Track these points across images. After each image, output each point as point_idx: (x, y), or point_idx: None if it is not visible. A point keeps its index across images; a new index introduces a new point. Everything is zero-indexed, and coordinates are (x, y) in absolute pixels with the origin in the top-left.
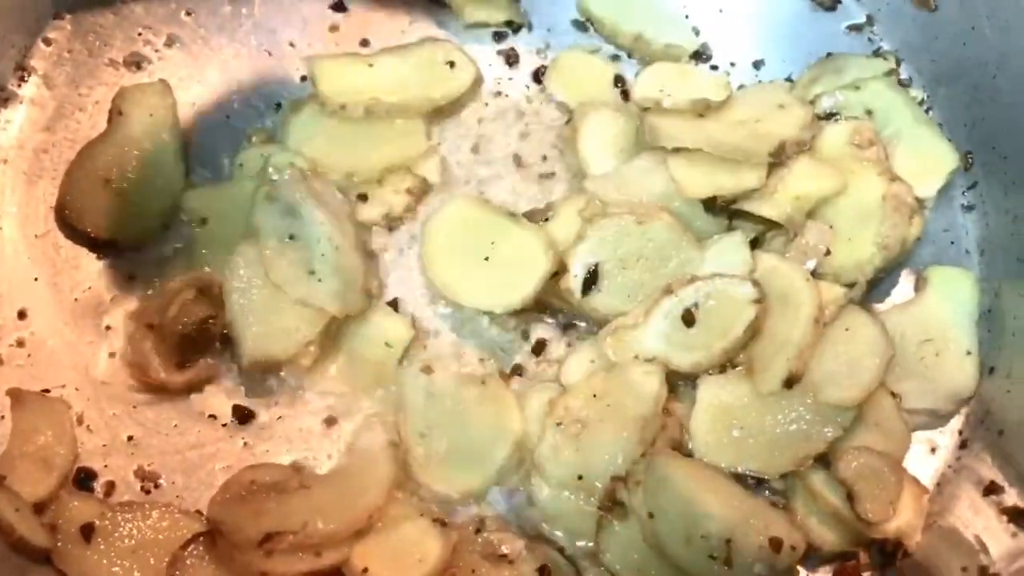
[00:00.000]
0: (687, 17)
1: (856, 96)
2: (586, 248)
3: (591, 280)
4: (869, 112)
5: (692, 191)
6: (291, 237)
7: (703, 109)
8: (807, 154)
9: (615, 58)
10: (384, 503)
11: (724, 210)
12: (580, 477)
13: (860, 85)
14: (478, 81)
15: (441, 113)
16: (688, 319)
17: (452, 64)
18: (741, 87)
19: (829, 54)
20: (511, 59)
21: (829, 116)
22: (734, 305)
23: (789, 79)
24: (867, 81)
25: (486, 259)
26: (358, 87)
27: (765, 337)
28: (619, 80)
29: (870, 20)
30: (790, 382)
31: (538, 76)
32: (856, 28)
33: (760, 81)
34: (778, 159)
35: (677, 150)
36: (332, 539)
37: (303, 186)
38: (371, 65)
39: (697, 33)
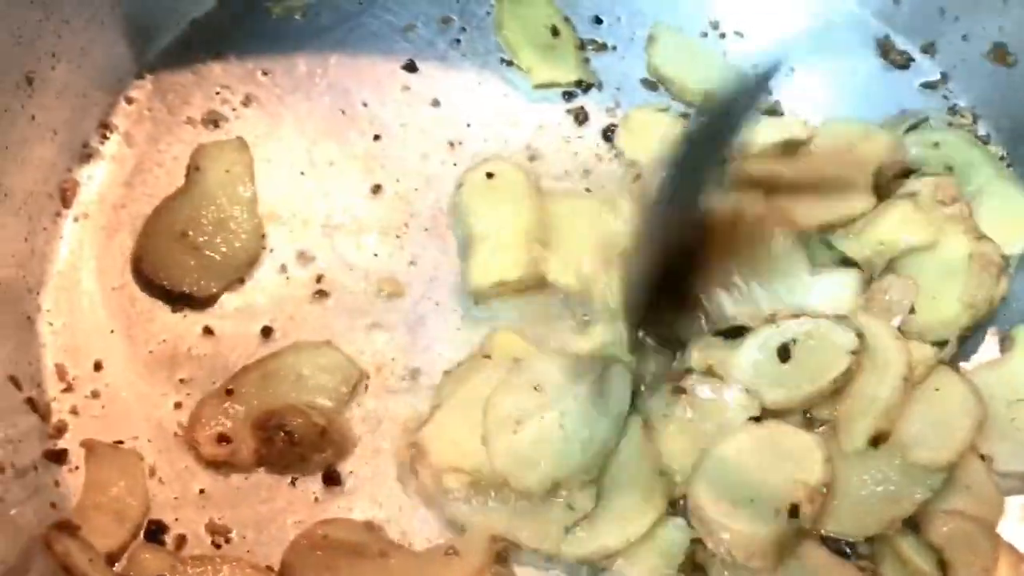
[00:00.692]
0: (758, 75)
1: (935, 153)
2: None
3: None
4: (949, 168)
5: (806, 221)
6: None
7: (791, 148)
8: (903, 201)
9: (685, 116)
10: None
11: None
12: None
13: (939, 142)
14: None
15: None
16: (783, 354)
17: None
18: None
19: (903, 111)
20: (580, 118)
21: (908, 173)
22: (832, 351)
23: None
24: (946, 138)
25: None
26: None
27: (852, 394)
28: None
29: (944, 77)
30: (876, 440)
31: (607, 134)
32: (930, 85)
33: None
34: (881, 182)
35: (776, 189)
36: None
37: None
38: None
39: (769, 91)
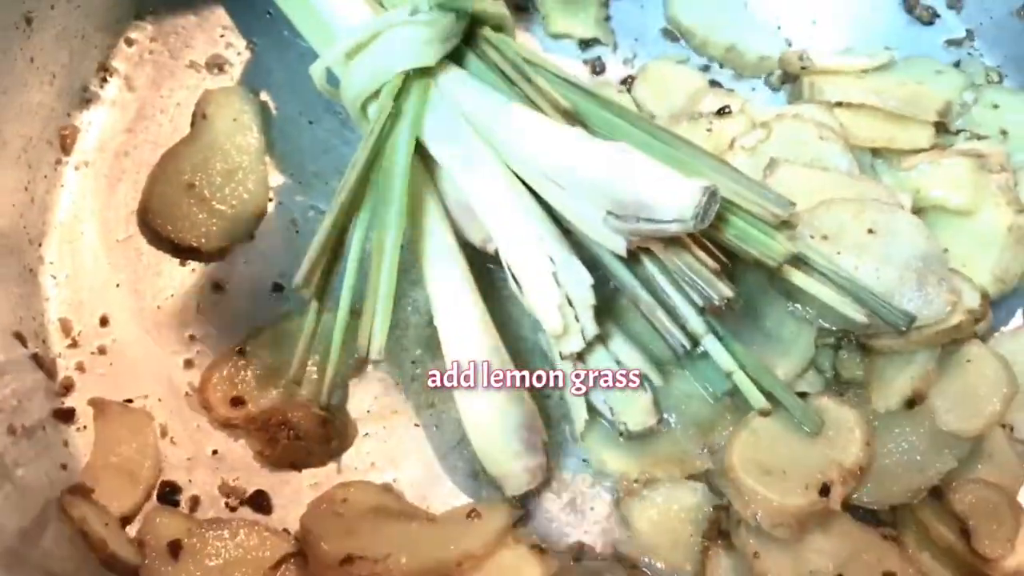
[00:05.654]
0: (779, 28)
1: (992, 114)
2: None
3: None
4: (1004, 133)
5: (863, 140)
6: None
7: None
8: (952, 160)
9: (704, 68)
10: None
11: None
12: None
13: (999, 104)
14: None
15: None
16: None
17: None
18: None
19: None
20: (597, 68)
21: (958, 132)
22: None
23: None
24: (1007, 101)
25: None
26: None
27: (885, 355)
28: (714, 83)
29: (970, 35)
30: (912, 403)
31: (625, 85)
32: (955, 43)
33: None
34: (944, 119)
35: (840, 104)
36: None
37: None
38: None
39: (790, 44)
